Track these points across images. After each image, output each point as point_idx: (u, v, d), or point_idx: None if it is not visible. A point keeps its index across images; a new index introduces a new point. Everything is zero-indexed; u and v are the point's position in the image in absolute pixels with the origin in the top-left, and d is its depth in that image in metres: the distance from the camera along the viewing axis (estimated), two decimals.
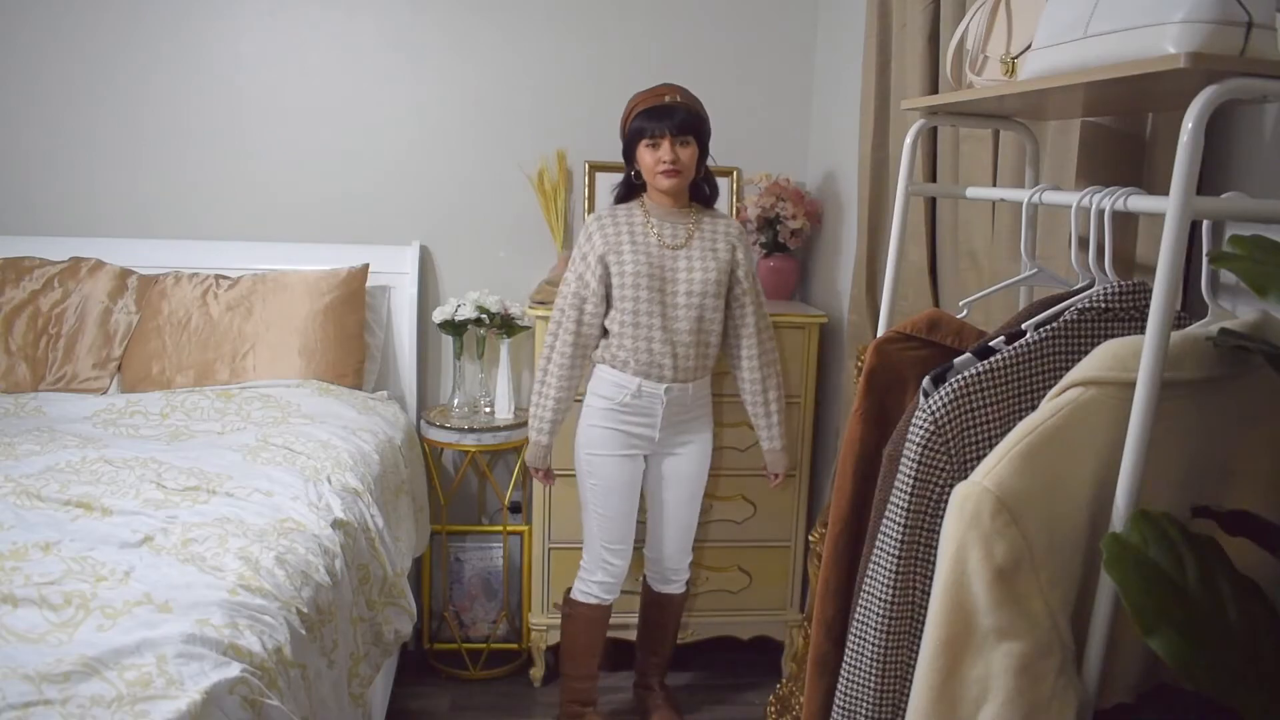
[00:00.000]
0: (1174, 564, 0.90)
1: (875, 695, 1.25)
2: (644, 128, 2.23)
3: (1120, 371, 1.02)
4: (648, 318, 2.29)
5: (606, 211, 2.36)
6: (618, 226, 2.32)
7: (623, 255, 2.28)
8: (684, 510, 2.50)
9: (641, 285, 2.28)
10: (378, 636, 2.09)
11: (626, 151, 2.32)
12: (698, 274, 2.30)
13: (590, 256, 2.31)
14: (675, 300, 2.30)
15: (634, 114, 2.27)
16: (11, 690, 1.22)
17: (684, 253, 2.31)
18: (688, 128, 2.22)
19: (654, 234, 2.31)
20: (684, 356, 2.32)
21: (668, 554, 2.54)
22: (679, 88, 2.30)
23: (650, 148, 2.24)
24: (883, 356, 1.49)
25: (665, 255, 2.30)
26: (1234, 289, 1.30)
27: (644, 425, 2.38)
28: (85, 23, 2.89)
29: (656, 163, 2.24)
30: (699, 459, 2.48)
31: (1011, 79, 1.44)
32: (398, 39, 2.99)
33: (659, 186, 2.28)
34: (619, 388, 2.34)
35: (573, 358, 2.35)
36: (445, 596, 3.02)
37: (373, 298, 2.93)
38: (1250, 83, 0.98)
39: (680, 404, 2.37)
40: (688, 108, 2.25)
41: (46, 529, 1.71)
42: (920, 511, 1.21)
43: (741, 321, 2.39)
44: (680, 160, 2.24)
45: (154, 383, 2.68)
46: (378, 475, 2.31)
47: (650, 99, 2.27)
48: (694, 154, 2.26)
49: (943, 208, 2.14)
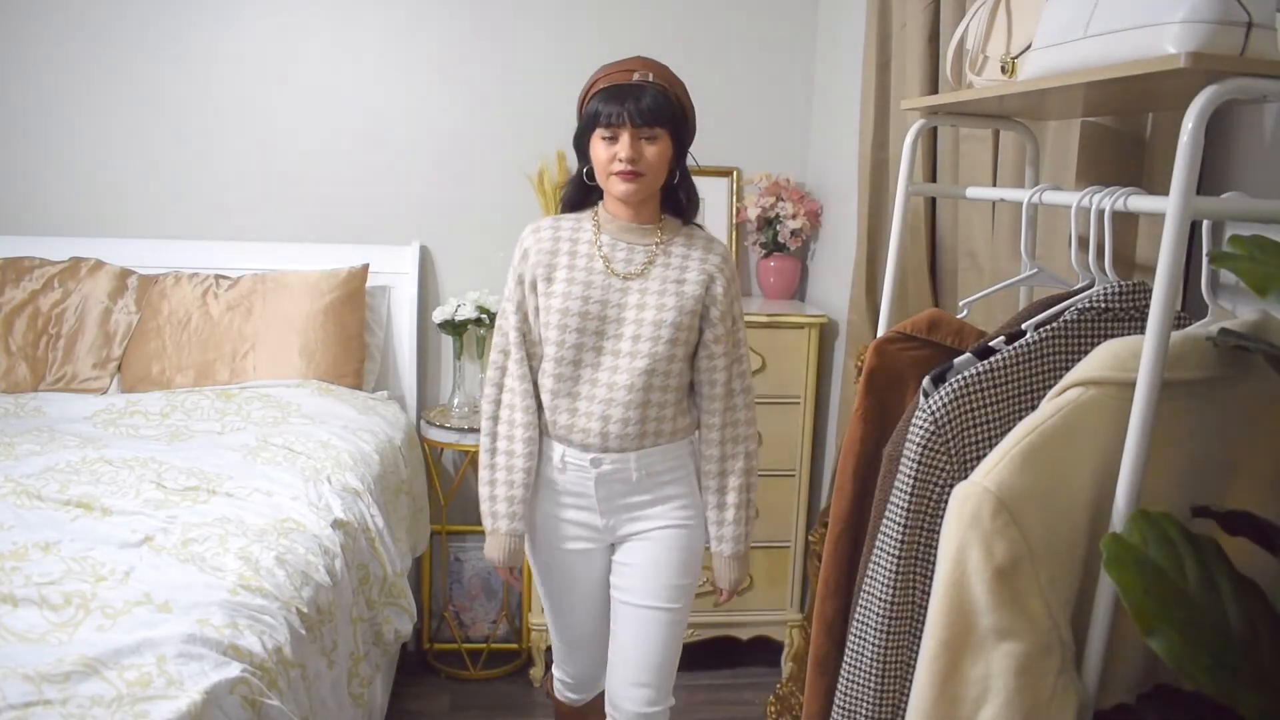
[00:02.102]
0: (1174, 564, 0.90)
1: (875, 695, 1.25)
2: (599, 112, 1.67)
3: (1120, 371, 1.02)
4: (573, 368, 1.73)
5: (548, 222, 1.80)
6: (557, 242, 1.76)
7: (554, 282, 1.73)
8: (639, 623, 1.81)
9: (570, 326, 1.71)
10: (378, 636, 2.10)
11: (579, 141, 1.75)
12: (649, 313, 1.71)
13: (524, 278, 1.77)
14: (617, 347, 1.72)
15: (591, 93, 1.72)
16: (11, 690, 1.22)
17: (637, 284, 1.73)
18: (657, 116, 1.65)
19: (600, 256, 1.74)
20: (620, 420, 1.72)
21: (614, 684, 1.84)
22: (655, 63, 1.73)
23: (606, 140, 1.67)
24: (883, 356, 1.49)
25: (612, 286, 1.72)
26: (1234, 289, 1.30)
27: (579, 508, 1.80)
28: (85, 24, 2.89)
29: (610, 160, 1.67)
30: (666, 549, 1.80)
31: (1011, 79, 1.44)
32: (398, 39, 2.99)
33: (612, 192, 1.72)
34: (544, 458, 1.81)
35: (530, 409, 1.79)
36: (445, 596, 3.02)
37: (373, 298, 2.93)
38: (1250, 83, 0.99)
39: (622, 480, 1.77)
40: (661, 90, 1.68)
41: (46, 529, 1.71)
42: (920, 511, 1.21)
43: (708, 378, 1.78)
44: (644, 159, 1.66)
45: (154, 383, 2.68)
46: (378, 475, 2.31)
47: (614, 74, 1.70)
48: (664, 152, 1.68)
49: (943, 208, 2.14)
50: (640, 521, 1.80)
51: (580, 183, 1.80)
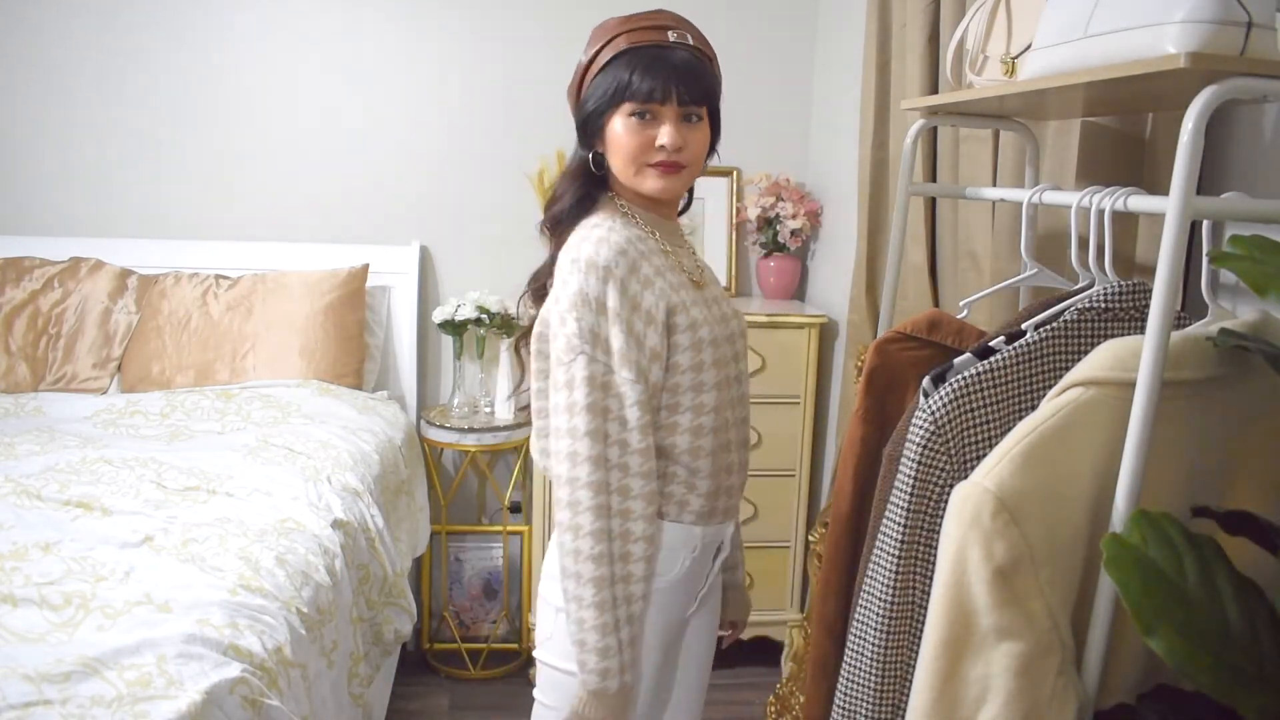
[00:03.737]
0: (1174, 564, 0.90)
1: (875, 695, 1.25)
2: (629, 84, 1.26)
3: (1120, 371, 1.02)
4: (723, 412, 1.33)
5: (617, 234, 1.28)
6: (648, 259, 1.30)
7: (689, 309, 1.30)
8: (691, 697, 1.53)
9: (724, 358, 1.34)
10: (378, 636, 2.10)
11: (589, 121, 1.33)
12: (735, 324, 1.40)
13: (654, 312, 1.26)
14: (743, 374, 1.40)
15: (608, 54, 1.31)
16: (11, 690, 1.22)
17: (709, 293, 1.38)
18: (705, 92, 1.30)
19: (682, 269, 1.36)
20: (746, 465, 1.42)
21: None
22: (688, 22, 1.38)
23: (638, 120, 1.27)
24: (883, 356, 1.49)
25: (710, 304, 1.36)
26: (1234, 289, 1.30)
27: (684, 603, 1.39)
28: (85, 24, 2.89)
29: (646, 147, 1.28)
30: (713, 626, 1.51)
31: (1011, 79, 1.44)
32: (398, 39, 2.99)
33: (642, 187, 1.31)
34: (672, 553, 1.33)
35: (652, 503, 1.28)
36: (445, 596, 3.02)
37: (373, 298, 2.93)
38: (1250, 83, 0.99)
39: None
40: (703, 58, 1.33)
41: (46, 529, 1.71)
42: (920, 511, 1.21)
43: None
44: (689, 148, 1.30)
45: (154, 383, 2.68)
46: (378, 475, 2.31)
47: (643, 29, 1.31)
48: (706, 139, 1.34)
49: (943, 208, 2.14)
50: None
51: (588, 174, 1.35)
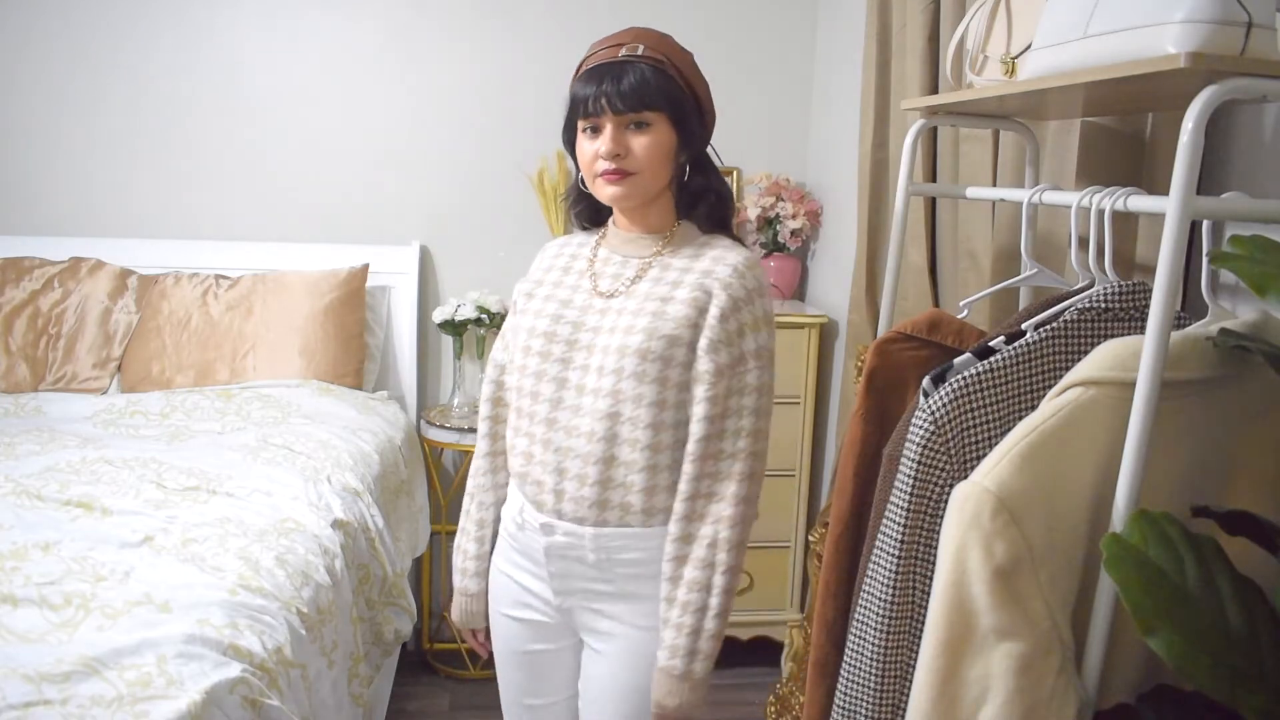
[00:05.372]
0: (1174, 564, 0.90)
1: (875, 695, 1.25)
2: (573, 102, 1.36)
3: (1120, 371, 1.02)
4: (530, 401, 1.40)
5: (563, 239, 1.55)
6: (558, 259, 1.50)
7: (532, 299, 1.46)
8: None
9: (533, 348, 1.41)
10: (378, 636, 2.10)
11: (567, 138, 1.43)
12: (616, 337, 1.34)
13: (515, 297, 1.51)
14: (582, 380, 1.36)
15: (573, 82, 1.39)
16: (11, 690, 1.22)
17: (618, 303, 1.38)
18: (645, 98, 1.31)
19: (590, 273, 1.44)
20: (577, 477, 1.35)
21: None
22: (652, 33, 1.38)
23: (588, 134, 1.36)
24: (883, 356, 1.49)
25: (592, 306, 1.40)
26: (1234, 289, 1.30)
27: (531, 573, 1.47)
28: (85, 23, 2.89)
29: (594, 159, 1.36)
30: (624, 664, 1.40)
31: (1011, 79, 1.44)
32: (398, 39, 2.99)
33: (599, 196, 1.40)
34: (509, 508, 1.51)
35: (490, 454, 1.55)
36: (445, 596, 3.02)
37: (373, 298, 2.93)
38: (1250, 83, 0.99)
39: (578, 559, 1.39)
40: (655, 65, 1.33)
41: (46, 529, 1.71)
42: (920, 511, 1.21)
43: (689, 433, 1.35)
44: (632, 154, 1.33)
45: (154, 383, 2.68)
46: (378, 475, 2.31)
47: (600, 50, 1.37)
48: (661, 143, 1.34)
49: (943, 208, 2.14)
50: (601, 618, 1.42)
51: (578, 191, 1.48)
